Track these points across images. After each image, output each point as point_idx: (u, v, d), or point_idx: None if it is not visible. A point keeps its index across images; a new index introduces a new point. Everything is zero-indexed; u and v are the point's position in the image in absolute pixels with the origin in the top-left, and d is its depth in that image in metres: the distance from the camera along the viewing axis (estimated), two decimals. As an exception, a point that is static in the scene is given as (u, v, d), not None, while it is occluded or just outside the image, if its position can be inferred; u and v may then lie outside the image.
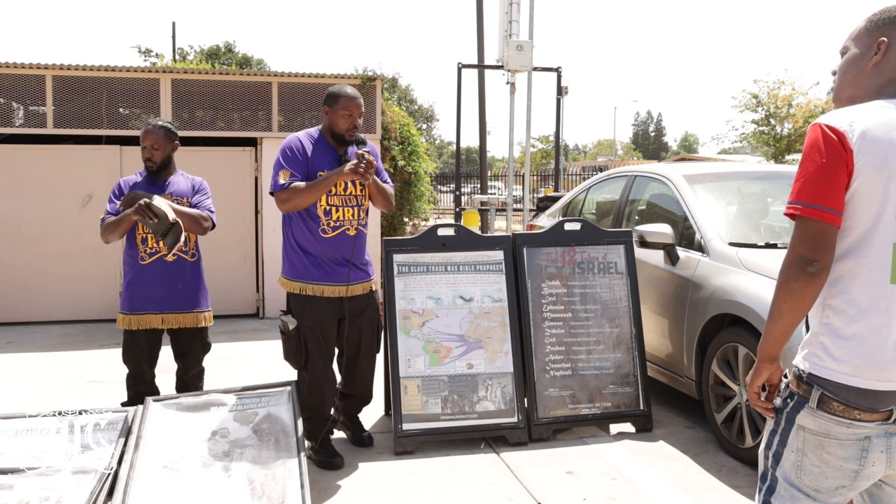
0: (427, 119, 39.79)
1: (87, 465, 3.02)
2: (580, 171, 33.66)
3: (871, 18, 1.77)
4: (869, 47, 1.75)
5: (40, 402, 4.63)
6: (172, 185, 3.88)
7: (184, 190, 3.88)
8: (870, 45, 1.75)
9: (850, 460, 1.65)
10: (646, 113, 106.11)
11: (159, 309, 3.78)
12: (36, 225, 7.18)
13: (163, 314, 3.79)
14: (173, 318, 3.81)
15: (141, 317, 3.78)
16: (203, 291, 3.93)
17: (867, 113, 1.64)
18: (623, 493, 3.38)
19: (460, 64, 10.23)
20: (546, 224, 5.60)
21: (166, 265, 3.78)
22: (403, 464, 3.72)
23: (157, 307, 3.78)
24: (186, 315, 3.84)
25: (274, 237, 7.44)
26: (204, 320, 3.91)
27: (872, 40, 1.74)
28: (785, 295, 1.65)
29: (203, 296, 3.93)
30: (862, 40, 1.77)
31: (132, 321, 3.78)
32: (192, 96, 7.52)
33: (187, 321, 3.84)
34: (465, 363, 4.04)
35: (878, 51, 1.72)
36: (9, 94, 7.16)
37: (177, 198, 3.82)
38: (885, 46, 1.71)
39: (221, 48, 32.84)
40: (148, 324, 3.78)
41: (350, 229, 3.61)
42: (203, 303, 3.92)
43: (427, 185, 9.05)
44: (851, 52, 1.79)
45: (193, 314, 3.86)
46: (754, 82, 21.33)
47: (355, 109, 3.55)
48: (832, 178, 1.61)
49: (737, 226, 4.31)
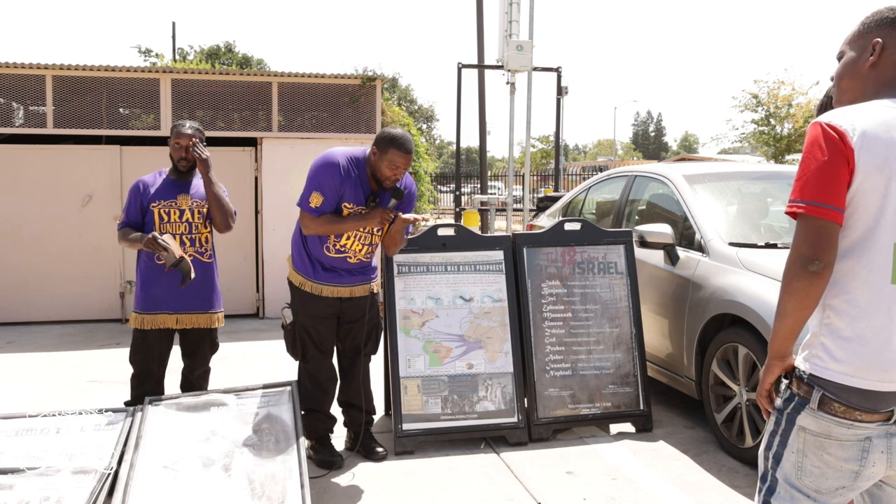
0: (427, 119, 39.78)
1: (87, 465, 3.02)
2: (580, 171, 33.68)
3: (864, 21, 1.78)
4: (864, 49, 1.75)
5: (40, 402, 4.63)
6: (193, 187, 3.89)
7: (203, 193, 3.89)
8: (864, 46, 1.75)
9: (850, 461, 1.65)
10: (646, 113, 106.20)
11: (174, 309, 3.80)
12: (36, 225, 7.17)
13: (177, 314, 3.81)
14: (187, 318, 3.83)
15: (155, 316, 3.79)
16: (217, 292, 3.96)
17: (867, 112, 1.64)
18: (623, 493, 3.38)
19: (460, 64, 10.23)
20: (546, 224, 5.60)
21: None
22: (403, 464, 3.72)
23: (172, 307, 3.79)
24: (200, 316, 3.86)
25: (274, 237, 7.44)
26: (217, 321, 3.93)
27: (867, 42, 1.75)
28: (789, 294, 1.65)
29: (217, 297, 3.95)
30: (857, 43, 1.78)
31: (145, 320, 3.79)
32: (192, 96, 7.52)
33: (201, 322, 3.86)
34: (465, 363, 4.04)
35: (873, 52, 1.73)
36: (9, 94, 7.16)
37: (196, 200, 3.84)
38: (880, 47, 1.72)
39: (221, 48, 32.83)
40: (162, 323, 3.79)
41: (351, 258, 3.58)
42: (217, 304, 3.94)
43: (427, 185, 9.05)
44: (848, 55, 1.79)
45: (207, 315, 3.88)
46: (754, 82, 21.37)
47: (403, 165, 3.39)
48: (834, 175, 1.61)
49: (737, 226, 4.31)
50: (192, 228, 3.82)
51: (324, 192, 3.39)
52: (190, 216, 3.82)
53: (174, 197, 3.82)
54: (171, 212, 3.80)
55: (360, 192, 3.46)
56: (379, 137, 3.41)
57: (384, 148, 3.37)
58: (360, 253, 3.59)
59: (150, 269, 3.79)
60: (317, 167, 3.43)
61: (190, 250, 3.78)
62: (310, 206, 3.40)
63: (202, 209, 3.85)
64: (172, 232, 3.76)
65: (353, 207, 3.45)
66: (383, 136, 3.39)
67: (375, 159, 3.41)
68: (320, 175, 3.41)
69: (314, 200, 3.39)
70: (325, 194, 3.39)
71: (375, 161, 3.41)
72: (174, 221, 3.80)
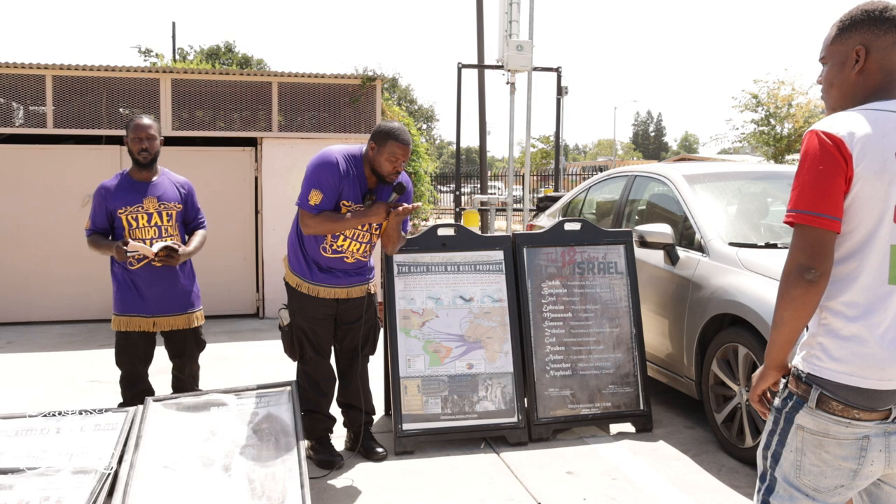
0: (427, 119, 39.80)
1: (87, 465, 3.02)
2: (580, 171, 33.67)
3: (841, 25, 1.75)
4: (847, 56, 1.73)
5: (40, 402, 4.63)
6: (158, 187, 3.82)
7: (171, 196, 3.84)
8: (847, 53, 1.73)
9: (848, 459, 1.66)
10: (646, 113, 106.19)
11: (150, 313, 3.79)
12: (36, 225, 7.18)
13: (154, 317, 3.80)
14: (164, 321, 3.82)
15: (131, 318, 3.79)
16: (194, 292, 3.92)
17: (862, 118, 1.64)
18: (623, 493, 3.38)
19: (460, 64, 10.24)
20: (546, 224, 5.60)
21: (155, 270, 3.76)
22: (403, 464, 3.72)
23: (148, 311, 3.78)
24: (178, 317, 3.85)
25: (274, 237, 7.44)
26: (196, 320, 3.91)
27: (849, 49, 1.72)
28: (786, 303, 1.65)
29: (194, 296, 3.92)
30: (838, 50, 1.75)
31: (123, 322, 3.79)
32: (192, 96, 7.52)
33: (179, 323, 3.85)
34: (465, 363, 4.04)
35: (857, 59, 1.71)
36: (9, 94, 7.16)
37: (164, 202, 3.80)
38: (864, 53, 1.70)
39: (221, 48, 32.83)
40: (139, 326, 3.79)
41: (349, 258, 3.57)
42: (194, 303, 3.91)
43: (427, 185, 9.05)
44: (831, 63, 1.77)
45: (185, 316, 3.87)
46: (754, 82, 21.28)
47: (402, 157, 3.38)
48: (830, 184, 1.60)
49: (737, 226, 4.31)
50: (162, 231, 3.79)
51: (323, 189, 3.38)
52: (158, 219, 3.77)
53: (140, 201, 3.75)
54: (138, 217, 3.74)
55: (358, 190, 3.46)
56: (375, 132, 3.41)
57: (382, 141, 3.37)
58: (357, 253, 3.58)
59: (124, 274, 3.77)
60: (314, 165, 3.42)
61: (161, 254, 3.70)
62: (309, 205, 3.38)
63: (170, 211, 3.81)
64: (143, 237, 3.73)
65: (352, 205, 3.45)
66: (380, 130, 3.39)
67: (374, 154, 3.40)
68: (318, 173, 3.40)
69: (313, 198, 3.37)
70: (324, 192, 3.38)
71: (374, 156, 3.41)
72: (143, 227, 3.75)
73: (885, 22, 1.68)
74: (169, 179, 3.90)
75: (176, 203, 3.84)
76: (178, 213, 3.85)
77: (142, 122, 3.77)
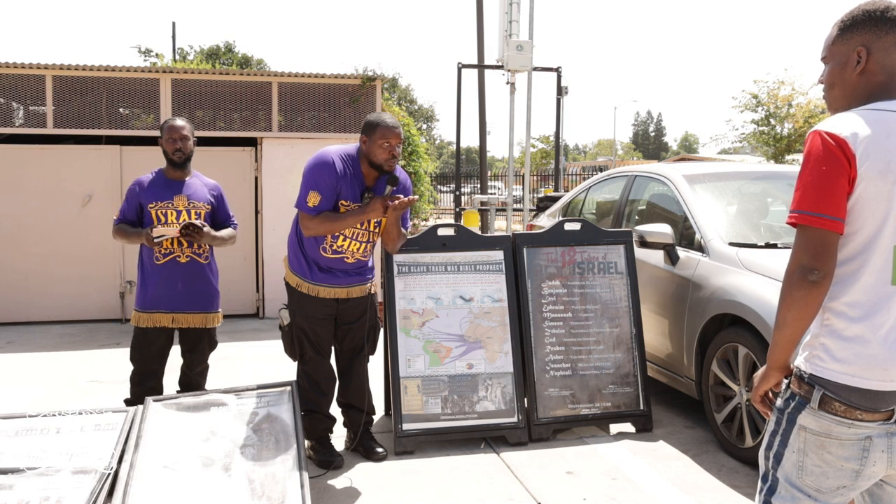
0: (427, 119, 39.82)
1: (87, 465, 3.01)
2: (580, 171, 33.68)
3: (842, 25, 1.74)
4: (849, 57, 1.73)
5: (40, 402, 4.63)
6: (189, 187, 3.92)
7: (201, 196, 3.93)
8: (848, 53, 1.73)
9: (851, 460, 1.66)
10: (646, 113, 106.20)
11: (170, 308, 3.86)
12: (36, 225, 7.17)
13: (173, 314, 3.87)
14: (183, 317, 3.89)
15: (152, 315, 3.85)
16: (214, 293, 4.00)
17: (865, 118, 1.64)
18: (623, 493, 3.38)
19: (460, 64, 10.23)
20: (546, 224, 5.60)
21: (179, 266, 3.85)
22: (403, 464, 3.72)
23: (169, 306, 3.85)
24: (196, 315, 3.92)
25: (274, 237, 7.44)
26: (214, 321, 3.99)
27: (850, 49, 1.72)
28: (789, 304, 1.65)
29: (214, 297, 4.00)
30: (840, 50, 1.75)
31: (143, 318, 3.86)
32: (192, 96, 7.52)
33: (197, 321, 3.92)
34: (465, 363, 4.04)
35: (859, 59, 1.71)
36: (9, 94, 7.16)
37: (193, 202, 3.89)
38: (865, 53, 1.70)
39: (221, 48, 32.82)
40: (159, 322, 3.85)
41: (349, 258, 3.57)
42: (213, 304, 3.99)
43: (427, 185, 9.06)
44: (833, 63, 1.77)
45: (203, 315, 3.94)
46: (754, 82, 21.28)
47: (394, 140, 3.38)
48: (833, 185, 1.60)
49: (737, 226, 4.31)
50: None
51: (321, 190, 3.38)
52: (187, 217, 3.85)
53: (171, 198, 3.86)
54: (167, 213, 3.84)
55: (356, 189, 3.47)
56: (363, 125, 3.46)
57: (371, 130, 3.40)
58: (357, 253, 3.58)
59: (149, 269, 3.86)
60: (311, 167, 3.43)
61: (188, 251, 3.84)
62: (308, 207, 3.39)
63: (199, 210, 3.90)
64: None
65: (350, 205, 3.45)
66: (367, 122, 3.44)
67: (367, 146, 3.43)
68: (316, 174, 3.40)
69: (311, 200, 3.38)
70: (322, 192, 3.38)
71: (368, 148, 3.43)
72: (171, 223, 3.84)
73: (886, 22, 1.68)
74: (200, 181, 4.01)
75: (205, 203, 3.94)
76: (207, 213, 3.93)
77: (175, 123, 3.91)
